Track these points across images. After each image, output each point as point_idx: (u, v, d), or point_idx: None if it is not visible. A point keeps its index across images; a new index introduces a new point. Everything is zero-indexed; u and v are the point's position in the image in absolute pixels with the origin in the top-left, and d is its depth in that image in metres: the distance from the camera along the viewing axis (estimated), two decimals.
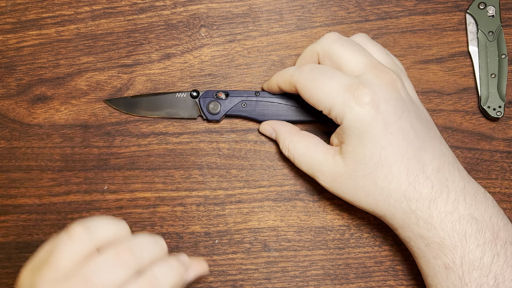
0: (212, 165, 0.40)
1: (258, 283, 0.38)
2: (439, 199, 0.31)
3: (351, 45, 0.33)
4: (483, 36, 0.40)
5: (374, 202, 0.33)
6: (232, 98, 0.39)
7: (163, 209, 0.39)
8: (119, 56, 0.41)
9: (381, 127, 0.31)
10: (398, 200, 0.32)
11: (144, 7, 0.41)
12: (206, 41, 0.41)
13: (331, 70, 0.33)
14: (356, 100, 0.31)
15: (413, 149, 0.31)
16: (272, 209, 0.39)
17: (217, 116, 0.39)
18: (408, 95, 0.33)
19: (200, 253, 0.38)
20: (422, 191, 0.31)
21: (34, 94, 0.40)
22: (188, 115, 0.40)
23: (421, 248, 0.32)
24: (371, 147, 0.31)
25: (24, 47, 0.41)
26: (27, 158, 0.40)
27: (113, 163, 0.40)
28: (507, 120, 0.40)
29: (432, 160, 0.32)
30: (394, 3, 0.41)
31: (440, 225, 0.31)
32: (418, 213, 0.31)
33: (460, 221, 0.31)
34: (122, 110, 0.40)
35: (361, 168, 0.32)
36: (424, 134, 0.32)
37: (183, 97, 0.39)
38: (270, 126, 0.39)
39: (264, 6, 0.41)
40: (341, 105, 0.32)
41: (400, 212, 0.32)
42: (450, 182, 0.32)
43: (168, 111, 0.40)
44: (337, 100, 0.32)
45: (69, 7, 0.41)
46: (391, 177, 0.31)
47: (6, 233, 0.39)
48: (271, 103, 0.39)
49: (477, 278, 0.30)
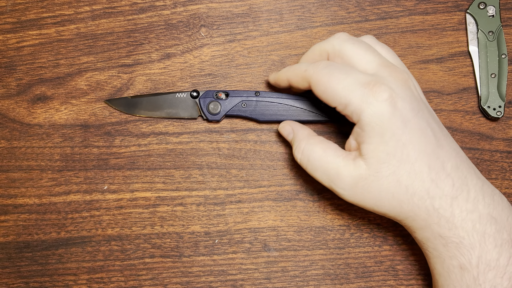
0: (212, 165, 0.40)
1: (258, 283, 0.38)
2: (461, 197, 0.31)
3: (362, 45, 0.33)
4: (483, 36, 0.40)
5: (398, 204, 0.32)
6: (232, 98, 0.39)
7: (163, 209, 0.39)
8: (119, 56, 0.41)
9: (400, 123, 0.31)
10: (422, 198, 0.31)
11: (144, 7, 0.41)
12: (206, 41, 0.41)
13: (347, 67, 0.33)
14: (375, 95, 0.31)
15: (431, 145, 0.31)
16: (272, 209, 0.39)
17: (217, 116, 0.39)
18: (420, 95, 0.33)
19: (200, 253, 0.39)
20: (444, 188, 0.31)
21: (34, 94, 0.40)
22: (188, 115, 0.40)
23: (438, 249, 0.32)
24: (393, 144, 0.31)
25: (24, 47, 0.41)
26: (27, 158, 0.40)
27: (113, 163, 0.40)
28: (507, 120, 0.40)
29: (450, 157, 0.31)
30: (394, 3, 0.41)
31: (461, 224, 0.30)
32: (440, 212, 0.31)
33: (480, 220, 0.30)
34: (123, 110, 0.40)
35: (385, 167, 0.31)
36: (439, 133, 0.32)
37: (183, 97, 0.39)
38: (290, 126, 0.37)
39: (264, 6, 0.41)
40: (359, 100, 0.31)
41: (424, 212, 0.31)
42: (469, 180, 0.31)
43: (168, 111, 0.40)
44: (354, 95, 0.31)
45: (69, 7, 0.41)
46: (414, 175, 0.31)
47: (6, 233, 0.39)
48: (271, 103, 0.39)
49: (492, 279, 0.30)
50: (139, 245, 0.39)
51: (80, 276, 0.38)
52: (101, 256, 0.39)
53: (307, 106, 0.38)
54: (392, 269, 0.38)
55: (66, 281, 0.38)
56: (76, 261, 0.38)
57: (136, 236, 0.39)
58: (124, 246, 0.39)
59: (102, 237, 0.39)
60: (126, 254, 0.39)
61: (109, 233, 0.39)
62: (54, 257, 0.39)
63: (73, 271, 0.38)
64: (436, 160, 0.31)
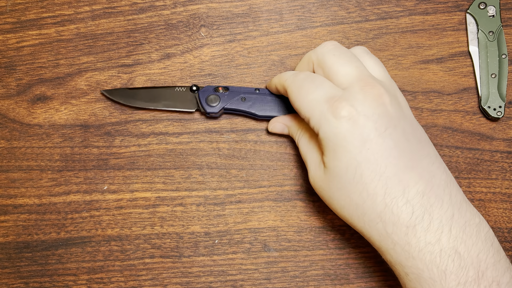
0: (212, 165, 0.40)
1: (258, 283, 0.38)
2: (419, 226, 0.28)
3: (344, 56, 0.33)
4: (484, 36, 0.40)
5: (349, 216, 0.31)
6: (232, 93, 0.39)
7: (163, 209, 0.39)
8: (119, 56, 0.41)
9: (357, 142, 0.30)
10: (373, 220, 0.30)
11: (144, 7, 0.41)
12: (206, 41, 0.41)
13: (320, 80, 0.33)
14: (333, 112, 0.30)
15: (394, 168, 0.29)
16: (272, 209, 0.39)
17: (215, 108, 0.38)
18: (398, 111, 0.31)
19: (200, 253, 0.38)
20: (400, 215, 0.29)
21: (34, 94, 0.40)
22: (186, 108, 0.39)
23: (402, 276, 0.30)
24: (346, 161, 0.30)
25: (24, 47, 0.41)
26: (27, 158, 0.40)
27: (113, 163, 0.40)
28: (507, 120, 0.40)
29: (418, 182, 0.29)
30: (394, 3, 0.41)
31: (418, 255, 0.28)
32: (394, 238, 0.29)
33: (442, 254, 0.28)
34: (119, 101, 0.39)
35: (337, 181, 0.31)
36: (412, 153, 0.30)
37: (182, 91, 0.39)
38: (280, 123, 0.38)
39: (264, 6, 0.41)
40: (318, 115, 0.31)
41: (376, 233, 0.30)
42: (436, 209, 0.29)
43: (166, 103, 0.39)
44: (316, 110, 0.31)
45: (69, 7, 0.41)
46: (366, 196, 0.30)
47: (6, 233, 0.39)
48: (271, 99, 0.39)
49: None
50: (139, 246, 0.39)
51: (80, 276, 0.38)
52: (101, 256, 0.39)
53: None
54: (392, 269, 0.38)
55: (66, 281, 0.38)
56: (76, 261, 0.38)
57: (136, 237, 0.39)
58: (124, 246, 0.39)
59: (102, 237, 0.39)
60: (126, 254, 0.38)
61: (109, 233, 0.39)
62: (54, 257, 0.39)
63: (73, 272, 0.38)
64: (396, 184, 0.29)
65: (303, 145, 0.36)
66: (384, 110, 0.30)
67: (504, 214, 0.39)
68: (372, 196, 0.29)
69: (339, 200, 0.31)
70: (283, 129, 0.38)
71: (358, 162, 0.30)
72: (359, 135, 0.30)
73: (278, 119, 0.39)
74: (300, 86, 0.33)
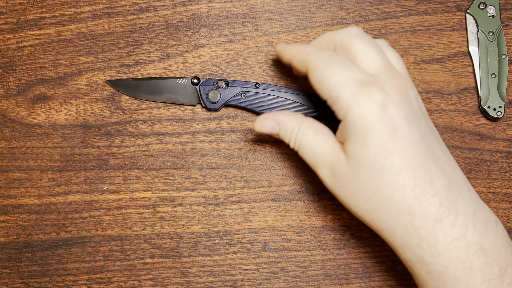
0: (212, 165, 0.40)
1: (258, 283, 0.38)
2: (446, 221, 0.28)
3: (371, 44, 0.32)
4: (483, 36, 0.40)
5: (374, 210, 0.30)
6: (232, 88, 0.39)
7: (163, 209, 0.39)
8: (119, 56, 0.41)
9: (388, 129, 0.29)
10: (401, 213, 0.29)
11: (144, 7, 0.41)
12: (206, 41, 0.41)
13: (348, 62, 0.31)
14: (366, 96, 0.29)
15: (422, 159, 0.29)
16: (272, 209, 0.39)
17: (216, 105, 0.39)
18: (420, 106, 0.31)
19: (200, 253, 0.38)
20: (428, 207, 0.28)
21: (34, 94, 0.40)
22: (188, 102, 0.40)
23: (422, 276, 0.29)
24: (376, 148, 0.29)
25: (24, 47, 0.41)
26: (27, 158, 0.40)
27: (113, 163, 0.40)
28: (507, 120, 0.40)
29: (442, 176, 0.29)
30: (394, 3, 0.41)
31: (444, 251, 0.28)
32: (421, 232, 0.28)
33: (468, 250, 0.28)
34: (123, 92, 0.40)
35: (364, 171, 0.29)
36: (435, 148, 0.30)
37: (184, 83, 0.40)
38: (270, 120, 0.34)
39: (264, 6, 0.41)
40: (349, 97, 0.29)
41: (402, 228, 0.29)
42: (460, 204, 0.29)
43: (168, 96, 0.39)
44: (345, 91, 0.29)
45: (69, 7, 0.41)
46: (395, 186, 0.29)
47: (6, 233, 0.39)
48: (271, 96, 0.39)
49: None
50: (139, 246, 0.39)
51: (80, 276, 0.38)
52: (101, 256, 0.38)
53: (306, 102, 0.38)
54: (392, 269, 0.38)
55: (66, 281, 0.38)
56: (76, 261, 0.38)
57: (136, 237, 0.39)
58: (124, 246, 0.39)
59: (102, 238, 0.39)
60: (126, 254, 0.38)
61: (109, 234, 0.39)
62: (54, 258, 0.39)
63: (73, 272, 0.38)
64: (424, 176, 0.29)
65: (309, 141, 0.33)
66: (409, 102, 0.30)
67: (504, 214, 0.39)
68: (401, 187, 0.29)
69: (364, 193, 0.30)
70: (273, 127, 0.34)
71: (388, 150, 0.29)
72: (389, 122, 0.29)
73: (267, 115, 0.35)
74: (327, 63, 0.31)
